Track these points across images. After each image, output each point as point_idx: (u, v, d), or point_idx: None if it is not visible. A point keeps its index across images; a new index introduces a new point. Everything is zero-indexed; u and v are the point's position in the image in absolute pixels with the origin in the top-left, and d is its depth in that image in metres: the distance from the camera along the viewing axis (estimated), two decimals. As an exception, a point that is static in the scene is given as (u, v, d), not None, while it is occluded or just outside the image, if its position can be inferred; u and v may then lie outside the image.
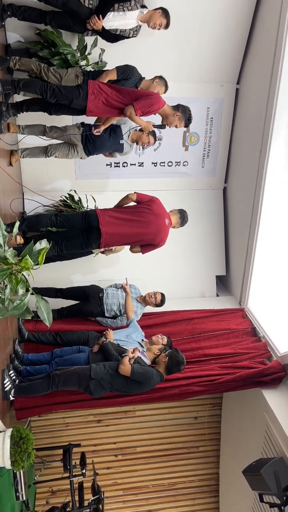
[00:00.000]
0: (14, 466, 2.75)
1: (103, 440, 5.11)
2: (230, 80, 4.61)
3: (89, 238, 3.41)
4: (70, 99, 3.33)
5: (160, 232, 3.52)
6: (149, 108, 3.31)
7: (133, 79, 3.59)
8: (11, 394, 3.18)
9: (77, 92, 3.33)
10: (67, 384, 3.20)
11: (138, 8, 3.50)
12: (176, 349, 3.39)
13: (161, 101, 3.38)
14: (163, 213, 3.56)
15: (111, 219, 3.41)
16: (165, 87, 3.69)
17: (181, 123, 3.52)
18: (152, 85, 3.65)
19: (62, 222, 3.48)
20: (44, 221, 3.50)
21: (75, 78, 3.50)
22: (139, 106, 3.26)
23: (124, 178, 4.80)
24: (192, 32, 4.19)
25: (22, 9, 3.53)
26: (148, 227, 3.47)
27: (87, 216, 3.44)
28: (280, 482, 2.97)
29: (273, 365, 3.71)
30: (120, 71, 3.54)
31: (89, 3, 3.43)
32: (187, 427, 5.24)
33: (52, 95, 3.32)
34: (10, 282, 1.73)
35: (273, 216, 4.18)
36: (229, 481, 4.91)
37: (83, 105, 3.34)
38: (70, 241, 3.46)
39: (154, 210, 3.49)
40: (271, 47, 3.72)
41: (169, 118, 3.49)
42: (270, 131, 3.84)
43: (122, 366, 3.09)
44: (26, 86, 3.33)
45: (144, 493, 5.18)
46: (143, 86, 3.67)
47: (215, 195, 5.15)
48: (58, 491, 4.91)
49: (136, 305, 4.05)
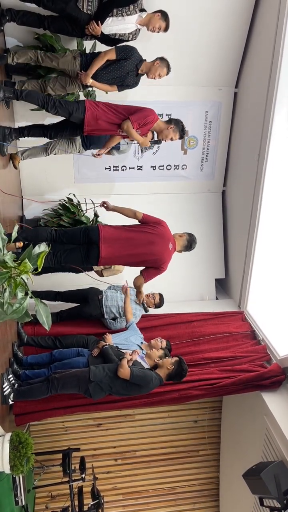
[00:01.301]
0: (13, 470, 2.74)
1: (102, 444, 5.09)
2: (228, 84, 4.63)
3: (88, 253, 3.29)
4: (70, 112, 3.44)
5: (163, 254, 3.37)
6: (144, 119, 3.43)
7: (133, 59, 3.55)
8: (10, 398, 3.17)
9: (76, 105, 3.46)
10: (66, 387, 3.19)
11: (136, 12, 3.51)
12: (182, 360, 3.33)
13: (154, 114, 3.52)
14: (168, 236, 3.42)
15: (113, 236, 3.29)
16: (166, 68, 3.62)
17: (176, 134, 3.61)
18: (154, 66, 3.59)
19: (61, 236, 3.34)
20: (43, 235, 3.33)
21: (73, 60, 3.55)
22: (135, 118, 3.40)
23: (123, 181, 4.81)
24: (190, 36, 4.21)
25: (21, 13, 3.54)
26: (151, 247, 3.33)
27: (88, 231, 3.32)
28: (280, 486, 2.96)
29: (273, 368, 3.70)
30: (119, 50, 3.51)
31: (87, 9, 3.43)
32: (187, 431, 5.22)
33: (53, 107, 3.43)
34: (9, 286, 1.73)
35: (272, 219, 4.19)
36: (229, 485, 4.90)
37: (81, 117, 3.45)
38: (69, 255, 3.31)
39: (159, 232, 3.37)
40: (269, 51, 3.74)
41: (163, 132, 3.60)
42: (268, 135, 3.85)
43: (121, 370, 3.08)
44: (28, 96, 3.43)
45: (144, 498, 5.15)
46: (144, 68, 3.61)
47: (214, 199, 5.16)
48: (58, 495, 4.88)
49: (135, 307, 4.04)
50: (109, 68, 3.55)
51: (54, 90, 3.73)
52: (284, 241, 4.19)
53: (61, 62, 3.55)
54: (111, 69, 3.56)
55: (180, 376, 3.28)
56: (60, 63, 3.55)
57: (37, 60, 3.56)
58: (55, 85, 3.70)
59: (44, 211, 4.58)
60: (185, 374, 3.29)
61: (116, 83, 3.65)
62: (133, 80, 3.69)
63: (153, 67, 3.59)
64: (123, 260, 3.46)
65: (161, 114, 4.66)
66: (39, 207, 4.61)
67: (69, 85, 3.72)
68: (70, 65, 3.56)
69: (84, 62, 3.55)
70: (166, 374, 3.26)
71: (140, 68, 3.61)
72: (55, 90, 3.73)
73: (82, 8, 3.42)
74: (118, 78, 3.61)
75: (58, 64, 3.56)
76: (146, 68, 3.61)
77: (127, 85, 3.70)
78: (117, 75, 3.59)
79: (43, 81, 3.71)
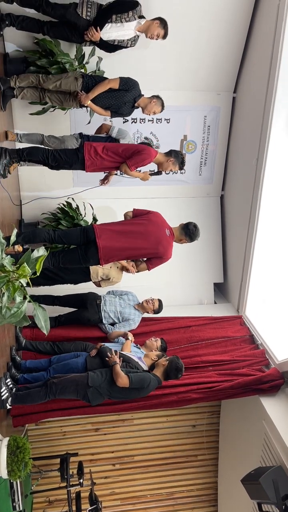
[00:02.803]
0: (10, 475, 2.73)
1: (100, 449, 5.07)
2: (227, 88, 4.66)
3: (87, 252, 3.30)
4: (70, 164, 3.56)
5: (161, 242, 3.40)
6: (141, 163, 3.55)
7: (133, 92, 3.65)
8: (8, 403, 3.16)
9: (75, 157, 3.54)
10: (64, 393, 3.18)
11: (136, 19, 3.53)
12: (177, 356, 3.38)
13: (152, 154, 3.58)
14: (162, 223, 3.47)
15: (108, 232, 3.33)
16: (161, 107, 3.77)
17: (176, 167, 3.70)
18: (150, 104, 3.73)
19: (60, 237, 3.37)
20: (42, 235, 3.38)
21: (74, 81, 3.59)
22: (132, 163, 3.51)
23: (122, 185, 4.82)
24: (189, 41, 4.24)
25: (20, 18, 3.56)
26: (147, 237, 3.37)
27: (85, 231, 3.38)
28: (279, 491, 2.95)
29: (271, 372, 3.70)
30: (123, 82, 3.59)
31: (87, 15, 3.46)
32: (185, 435, 5.21)
33: (54, 160, 3.53)
34: (7, 290, 1.72)
35: (270, 223, 4.20)
36: (227, 490, 4.88)
37: (81, 168, 3.58)
38: (67, 255, 3.36)
39: (152, 220, 3.43)
40: (267, 56, 3.76)
41: (163, 164, 3.69)
42: (266, 139, 3.87)
43: (119, 380, 3.06)
44: (30, 154, 3.54)
45: (142, 503, 5.13)
46: (141, 103, 3.74)
47: (212, 203, 5.17)
48: (56, 501, 4.85)
49: (134, 312, 4.04)
50: (108, 95, 3.63)
51: (51, 101, 3.80)
52: (282, 245, 4.19)
53: (63, 83, 3.60)
54: (110, 96, 3.64)
55: (176, 371, 3.26)
56: (62, 83, 3.60)
57: (39, 83, 3.61)
58: (53, 97, 3.76)
59: (42, 215, 4.59)
60: (181, 368, 3.27)
61: (111, 109, 3.74)
62: (128, 111, 3.80)
63: (149, 104, 3.73)
64: (123, 254, 3.44)
65: (160, 118, 4.68)
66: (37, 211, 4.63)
67: (67, 101, 3.77)
68: (72, 86, 3.61)
69: (86, 84, 3.62)
70: (163, 371, 3.27)
71: (137, 102, 3.72)
72: (52, 101, 3.80)
73: (82, 14, 3.45)
74: (114, 106, 3.70)
75: (60, 84, 3.60)
76: (143, 103, 3.74)
77: (121, 114, 3.82)
78: (114, 103, 3.68)
79: (42, 89, 3.73)
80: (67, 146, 3.80)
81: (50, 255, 3.30)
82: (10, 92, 3.67)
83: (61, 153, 3.54)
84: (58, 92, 3.73)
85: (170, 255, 3.51)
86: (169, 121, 4.73)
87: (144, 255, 3.52)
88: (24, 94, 3.70)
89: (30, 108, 4.14)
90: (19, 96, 3.70)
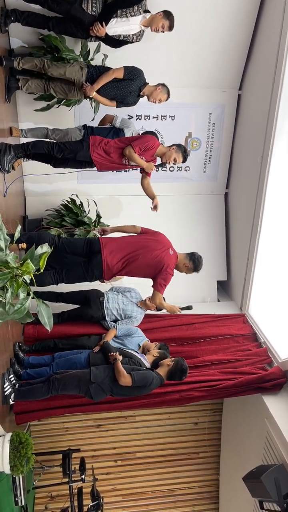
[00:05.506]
0: (13, 471, 2.74)
1: (102, 445, 5.08)
2: (232, 86, 4.63)
3: (91, 265, 3.35)
4: (75, 152, 3.56)
5: (164, 256, 3.44)
6: (145, 144, 3.53)
7: (138, 81, 3.62)
8: (11, 399, 3.17)
9: (80, 145, 3.56)
10: (67, 389, 3.19)
11: (141, 13, 3.52)
12: (183, 358, 3.37)
13: (156, 141, 3.61)
14: (167, 243, 3.54)
15: (113, 242, 3.41)
16: (167, 94, 3.73)
17: (179, 155, 3.64)
18: (155, 91, 3.69)
19: (64, 244, 3.40)
20: (46, 240, 3.34)
21: (80, 70, 3.59)
22: (136, 143, 3.50)
23: (126, 182, 4.81)
24: (194, 38, 4.22)
25: (25, 14, 3.56)
26: (151, 249, 3.43)
27: (90, 242, 3.44)
28: (280, 490, 2.95)
29: (274, 371, 3.69)
30: (127, 71, 3.57)
31: (92, 10, 3.44)
32: (187, 433, 5.21)
33: (59, 151, 3.56)
34: (11, 286, 1.73)
35: (274, 221, 4.18)
36: (229, 487, 4.88)
37: (87, 155, 3.55)
38: (71, 270, 3.41)
39: (158, 238, 3.53)
40: (273, 54, 3.73)
41: (166, 154, 3.65)
42: (271, 137, 3.84)
43: (122, 379, 3.07)
44: (34, 147, 3.55)
45: (143, 499, 5.14)
46: (146, 91, 3.70)
47: (216, 200, 5.15)
48: (57, 496, 4.88)
49: (137, 310, 4.04)
50: (113, 85, 3.62)
51: (56, 92, 3.77)
52: (286, 243, 4.18)
53: (68, 71, 3.58)
54: (115, 86, 3.63)
55: (181, 372, 3.27)
56: (67, 72, 3.58)
57: (43, 68, 3.58)
58: (58, 88, 3.74)
59: (46, 212, 4.59)
60: (185, 370, 3.28)
61: (117, 100, 3.73)
62: (133, 100, 3.78)
63: (154, 92, 3.70)
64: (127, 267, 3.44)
65: (165, 115, 4.67)
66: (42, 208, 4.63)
67: (72, 92, 3.75)
68: (77, 75, 3.60)
69: (91, 75, 3.60)
70: (167, 371, 3.27)
71: (142, 91, 3.71)
72: (57, 93, 3.77)
73: (87, 9, 3.43)
74: (119, 96, 3.69)
75: (64, 72, 3.58)
76: (148, 91, 3.71)
77: (127, 103, 3.80)
78: (119, 93, 3.66)
79: (46, 81, 3.72)
80: (70, 138, 3.82)
81: (53, 272, 3.37)
82: (15, 84, 3.66)
83: (66, 143, 3.58)
84: (63, 83, 3.70)
85: (171, 271, 3.53)
86: (174, 118, 4.71)
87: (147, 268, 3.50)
88: (28, 86, 3.69)
89: (34, 105, 4.13)
90: (24, 87, 3.68)
